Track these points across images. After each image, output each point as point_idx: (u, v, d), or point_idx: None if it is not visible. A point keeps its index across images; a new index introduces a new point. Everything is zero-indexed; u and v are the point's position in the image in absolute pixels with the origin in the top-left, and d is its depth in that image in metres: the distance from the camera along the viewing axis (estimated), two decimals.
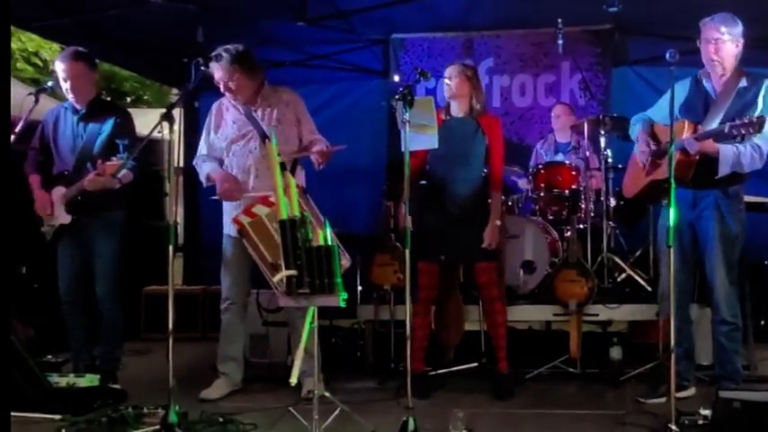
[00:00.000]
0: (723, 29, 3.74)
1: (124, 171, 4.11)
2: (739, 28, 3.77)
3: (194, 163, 4.43)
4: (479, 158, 4.33)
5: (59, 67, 4.28)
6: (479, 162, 4.33)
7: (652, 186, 4.04)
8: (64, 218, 4.28)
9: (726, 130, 3.56)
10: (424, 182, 4.41)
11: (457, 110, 4.36)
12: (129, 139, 4.28)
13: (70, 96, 4.34)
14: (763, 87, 3.76)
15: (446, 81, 4.32)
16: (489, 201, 4.36)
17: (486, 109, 4.48)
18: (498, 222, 4.32)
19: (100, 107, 4.40)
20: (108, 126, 4.30)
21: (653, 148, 4.02)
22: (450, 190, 4.30)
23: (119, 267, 4.39)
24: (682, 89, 3.96)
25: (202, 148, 4.40)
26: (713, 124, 3.74)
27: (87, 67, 4.33)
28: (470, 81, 4.32)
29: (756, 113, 3.65)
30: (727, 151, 3.68)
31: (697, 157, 3.73)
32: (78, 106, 4.36)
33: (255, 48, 4.36)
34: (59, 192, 4.30)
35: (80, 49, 4.41)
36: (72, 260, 4.38)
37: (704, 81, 3.89)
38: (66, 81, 4.28)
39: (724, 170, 3.70)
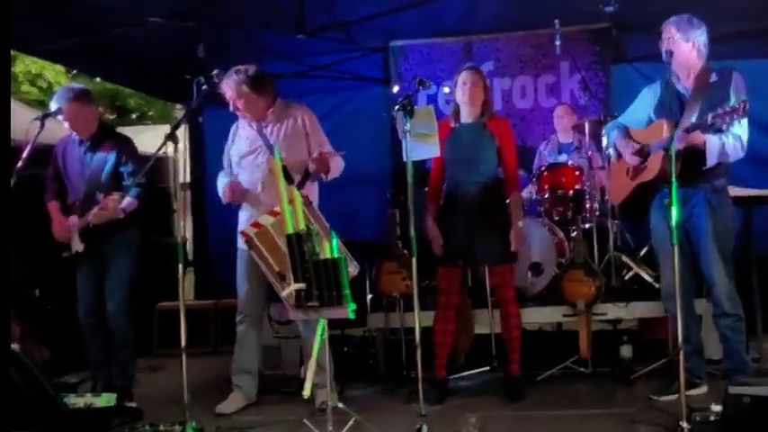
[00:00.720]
0: (673, 29, 3.83)
1: (128, 199, 4.28)
2: (696, 29, 3.84)
3: (218, 180, 4.53)
4: (491, 161, 4.33)
5: (56, 110, 4.36)
6: (491, 165, 4.34)
7: (640, 189, 4.06)
8: (78, 246, 4.39)
9: (709, 120, 3.58)
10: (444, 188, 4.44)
11: (467, 114, 4.36)
12: (132, 167, 4.38)
13: (73, 133, 4.47)
14: (733, 79, 3.82)
15: (463, 86, 4.31)
16: (507, 202, 4.38)
17: (493, 111, 4.51)
18: (521, 224, 4.36)
19: (104, 137, 4.50)
20: (112, 156, 4.41)
21: (636, 146, 4.05)
22: (464, 194, 4.32)
23: (130, 285, 4.46)
24: (653, 92, 4.06)
25: (223, 164, 4.53)
26: (690, 121, 3.77)
27: (81, 105, 4.39)
28: (485, 86, 4.37)
29: (731, 104, 3.68)
30: (713, 142, 3.73)
31: (682, 152, 3.73)
32: (83, 138, 4.47)
33: (256, 61, 4.41)
34: (73, 221, 4.41)
35: (72, 87, 4.53)
36: (89, 283, 4.47)
37: (674, 81, 3.93)
38: (65, 122, 4.40)
39: (711, 161, 3.74)
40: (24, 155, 4.02)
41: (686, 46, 3.83)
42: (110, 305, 4.40)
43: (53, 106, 4.38)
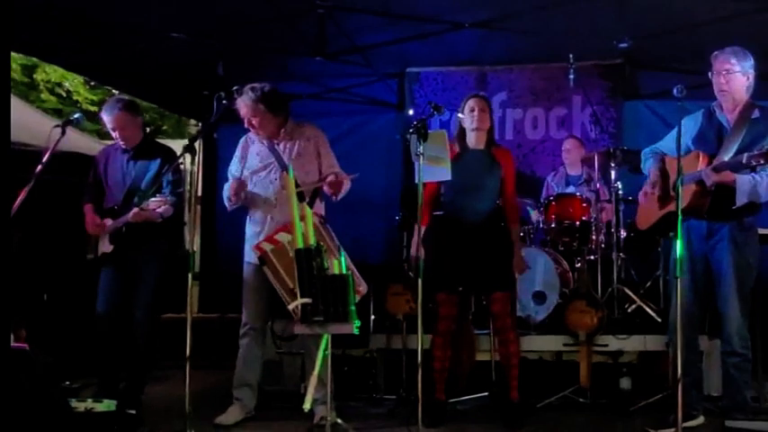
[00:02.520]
0: (733, 60, 3.82)
1: (166, 206, 4.41)
2: (750, 61, 3.85)
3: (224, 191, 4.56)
4: (494, 190, 4.39)
5: (106, 118, 4.58)
6: (494, 193, 4.40)
7: (668, 218, 4.02)
8: (106, 247, 4.53)
9: (744, 160, 3.60)
10: (439, 212, 4.44)
11: (475, 141, 4.40)
12: (173, 176, 4.52)
13: (120, 142, 4.62)
14: None
15: (471, 112, 4.35)
16: (506, 231, 4.41)
17: (496, 140, 4.57)
18: (523, 253, 4.40)
19: (147, 147, 4.67)
20: (155, 165, 4.55)
21: (657, 191, 4.05)
22: (467, 220, 4.34)
23: (159, 295, 4.59)
24: (694, 122, 4.03)
25: (228, 176, 4.54)
26: (728, 155, 3.77)
27: (130, 115, 4.59)
28: (491, 114, 4.43)
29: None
30: (743, 181, 3.71)
31: (712, 189, 3.76)
32: (127, 147, 4.62)
33: (273, 80, 4.49)
34: (108, 222, 4.53)
35: (123, 98, 4.75)
36: (113, 284, 4.57)
37: (717, 113, 3.93)
38: (114, 130, 4.58)
39: (741, 200, 3.73)
40: (44, 160, 4.11)
41: (742, 78, 3.84)
42: (137, 312, 4.52)
43: (104, 116, 4.56)
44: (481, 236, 4.33)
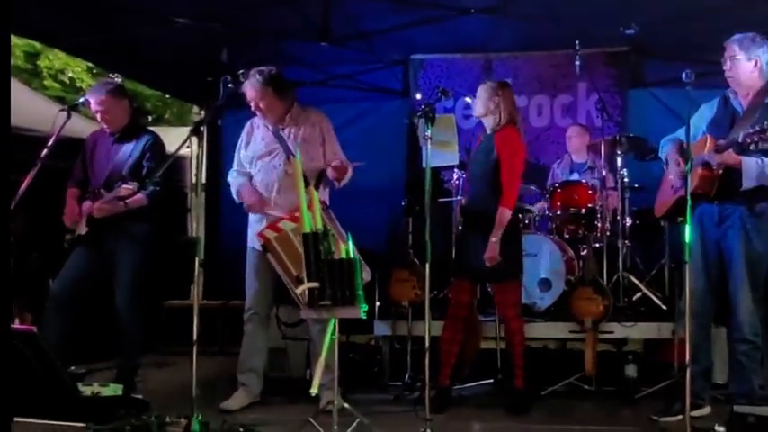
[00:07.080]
0: (736, 47, 3.84)
1: (138, 196, 4.34)
2: (758, 49, 3.83)
3: (228, 178, 4.56)
4: (492, 176, 4.28)
5: (91, 100, 4.50)
6: (493, 180, 4.28)
7: (678, 203, 3.98)
8: (82, 229, 4.46)
9: (740, 138, 3.58)
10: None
11: (486, 128, 4.42)
12: (154, 164, 4.44)
13: (104, 125, 4.56)
14: None
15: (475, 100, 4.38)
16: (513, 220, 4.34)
17: (507, 123, 4.36)
18: (494, 239, 4.14)
19: (133, 131, 4.60)
20: (138, 150, 4.50)
21: (683, 168, 4.03)
22: (471, 209, 4.38)
23: (139, 279, 4.49)
24: (709, 109, 4.03)
25: (235, 164, 4.55)
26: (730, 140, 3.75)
27: (115, 98, 4.52)
28: (491, 99, 4.33)
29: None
30: (750, 163, 3.68)
31: (720, 172, 3.74)
32: (112, 131, 4.57)
33: (277, 67, 4.47)
34: (86, 205, 4.46)
35: (109, 81, 4.70)
36: (80, 264, 4.47)
37: (732, 99, 3.93)
38: (97, 113, 4.52)
39: (748, 183, 3.70)
40: (50, 144, 4.09)
41: (748, 64, 3.83)
42: (118, 299, 4.45)
43: (89, 97, 4.50)
44: (483, 223, 4.26)
